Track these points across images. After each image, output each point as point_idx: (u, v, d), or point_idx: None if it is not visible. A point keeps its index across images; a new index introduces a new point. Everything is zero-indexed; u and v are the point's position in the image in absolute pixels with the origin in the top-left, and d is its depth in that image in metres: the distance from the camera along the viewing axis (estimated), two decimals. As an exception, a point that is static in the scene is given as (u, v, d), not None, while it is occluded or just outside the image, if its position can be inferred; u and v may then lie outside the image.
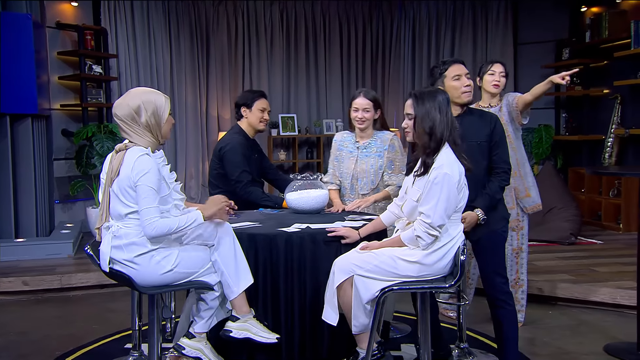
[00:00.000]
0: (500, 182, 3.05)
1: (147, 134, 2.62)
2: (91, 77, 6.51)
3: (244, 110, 3.93)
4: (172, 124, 2.73)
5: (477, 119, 3.09)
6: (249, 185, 3.76)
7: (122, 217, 2.57)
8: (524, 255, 3.85)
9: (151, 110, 2.61)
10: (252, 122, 3.93)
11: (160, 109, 2.64)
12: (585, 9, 7.35)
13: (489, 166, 3.06)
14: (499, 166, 3.06)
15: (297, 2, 8.33)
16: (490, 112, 3.25)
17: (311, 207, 3.39)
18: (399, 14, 8.63)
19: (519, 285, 3.88)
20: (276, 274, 2.84)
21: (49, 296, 4.81)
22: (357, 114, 3.61)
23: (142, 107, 2.60)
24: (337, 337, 2.88)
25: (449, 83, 3.04)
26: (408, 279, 2.63)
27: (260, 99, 3.94)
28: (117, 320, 4.09)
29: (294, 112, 8.39)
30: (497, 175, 3.05)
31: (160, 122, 2.64)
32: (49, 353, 3.58)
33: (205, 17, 7.97)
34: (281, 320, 2.86)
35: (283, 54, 8.31)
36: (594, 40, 7.02)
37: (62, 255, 5.46)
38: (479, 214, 2.96)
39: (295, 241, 2.83)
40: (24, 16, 5.62)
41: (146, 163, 2.53)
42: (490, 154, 3.05)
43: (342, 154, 3.73)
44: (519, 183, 3.79)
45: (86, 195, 6.45)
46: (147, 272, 2.55)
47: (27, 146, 5.77)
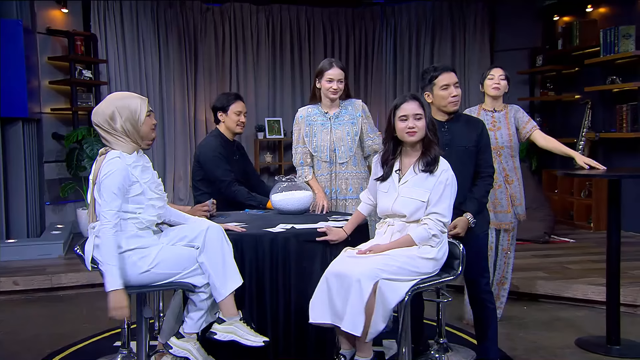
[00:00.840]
0: (486, 186, 3.07)
1: (125, 139, 2.59)
2: (81, 82, 6.46)
3: (220, 114, 3.81)
4: (152, 124, 2.68)
5: (464, 124, 3.08)
6: (233, 185, 3.68)
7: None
8: (511, 255, 3.88)
9: (125, 115, 2.58)
10: (229, 125, 3.82)
11: (134, 112, 2.59)
12: (558, 18, 7.44)
13: (475, 171, 3.06)
14: (485, 170, 3.07)
15: (282, 9, 8.33)
16: (477, 118, 3.24)
17: (296, 208, 3.37)
18: (381, 22, 8.67)
19: (502, 283, 3.89)
20: (262, 273, 2.82)
21: (39, 296, 4.75)
22: (331, 85, 3.47)
23: (116, 113, 2.57)
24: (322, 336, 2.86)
25: (437, 91, 3.02)
26: (426, 276, 2.65)
27: (235, 102, 3.80)
28: (107, 318, 4.02)
29: (279, 116, 8.38)
30: (482, 179, 3.06)
31: (136, 126, 2.60)
32: (39, 351, 3.54)
33: (193, 23, 7.94)
34: (267, 319, 2.84)
35: (269, 60, 8.30)
36: (565, 48, 7.10)
37: (53, 255, 5.41)
38: (469, 218, 2.96)
39: (280, 241, 2.81)
40: (15, 22, 5.57)
41: (112, 165, 2.50)
42: (477, 158, 3.05)
43: (314, 128, 3.59)
44: (516, 190, 3.82)
45: (76, 197, 6.39)
46: (124, 272, 2.49)
47: (17, 149, 5.72)
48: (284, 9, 8.34)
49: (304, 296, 2.79)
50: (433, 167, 2.71)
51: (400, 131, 2.70)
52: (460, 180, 2.96)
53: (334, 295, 2.55)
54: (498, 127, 3.80)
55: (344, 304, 2.51)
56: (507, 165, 3.78)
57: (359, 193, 3.27)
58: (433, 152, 2.72)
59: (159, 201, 2.66)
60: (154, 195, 2.63)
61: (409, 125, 2.68)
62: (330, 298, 2.56)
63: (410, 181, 2.72)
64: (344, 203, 3.59)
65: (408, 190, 2.71)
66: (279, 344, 2.84)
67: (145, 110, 2.63)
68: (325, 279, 2.59)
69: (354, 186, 3.57)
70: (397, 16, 8.56)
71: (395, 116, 2.70)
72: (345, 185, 3.58)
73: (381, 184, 2.77)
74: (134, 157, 2.61)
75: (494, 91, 3.79)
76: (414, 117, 2.68)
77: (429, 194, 2.67)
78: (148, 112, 2.65)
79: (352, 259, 2.65)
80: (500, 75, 3.80)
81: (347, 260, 2.64)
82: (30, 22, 6.00)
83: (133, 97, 2.65)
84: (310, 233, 2.86)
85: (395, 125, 2.71)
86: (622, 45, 6.07)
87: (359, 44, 8.69)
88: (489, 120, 3.80)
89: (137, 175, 2.57)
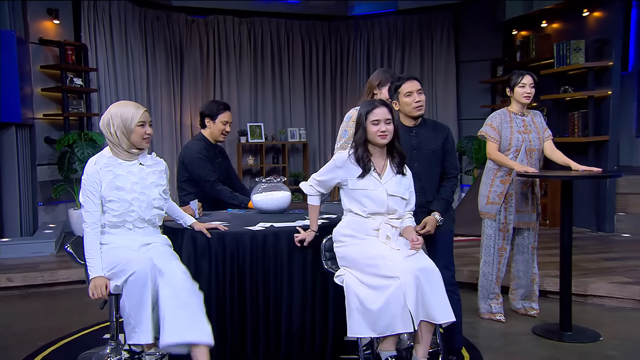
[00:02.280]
0: (452, 186, 3.08)
1: (115, 144, 2.67)
2: (72, 89, 6.37)
3: (207, 121, 3.80)
4: (143, 133, 2.68)
5: (431, 129, 3.09)
6: (217, 184, 3.67)
7: None
8: (535, 252, 3.86)
9: (117, 122, 2.65)
10: (213, 132, 3.80)
11: (127, 120, 2.65)
12: (516, 33, 7.54)
13: (441, 172, 3.08)
14: (450, 172, 3.09)
15: (263, 21, 8.33)
16: (443, 124, 3.21)
17: (275, 207, 3.38)
18: (355, 34, 8.72)
19: (533, 280, 3.88)
20: (242, 268, 2.82)
21: (32, 291, 4.69)
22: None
23: (111, 119, 2.65)
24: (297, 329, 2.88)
25: (402, 98, 3.03)
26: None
27: (224, 112, 3.79)
28: (97, 312, 3.98)
29: (261, 122, 8.37)
30: (448, 180, 3.09)
31: (127, 133, 2.65)
32: (32, 344, 3.50)
33: (179, 34, 7.90)
34: (247, 311, 2.84)
35: (250, 69, 8.29)
36: (523, 60, 7.18)
37: (45, 253, 5.34)
38: (437, 217, 2.98)
39: (259, 238, 2.82)
40: (8, 33, 5.49)
41: (86, 167, 2.66)
42: (443, 161, 3.07)
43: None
44: (538, 191, 3.83)
45: (68, 198, 6.31)
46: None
47: (11, 152, 5.66)
48: (265, 22, 8.34)
49: (282, 290, 2.82)
50: (403, 168, 2.79)
51: (372, 134, 2.71)
52: (428, 181, 3.01)
53: (427, 292, 2.51)
54: (529, 131, 3.75)
55: (434, 297, 2.51)
56: (536, 167, 3.73)
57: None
58: (400, 155, 2.77)
59: (118, 204, 2.65)
60: (113, 198, 2.64)
61: (381, 129, 2.70)
62: (423, 295, 2.51)
63: (392, 181, 2.74)
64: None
65: (395, 189, 2.73)
66: (259, 334, 2.84)
67: (137, 120, 2.64)
68: (415, 277, 2.50)
69: None
70: (369, 29, 8.61)
71: (368, 120, 2.72)
72: None
73: (361, 182, 2.72)
74: (115, 160, 2.67)
75: (525, 99, 3.70)
76: (385, 121, 2.71)
77: (407, 191, 2.76)
78: (141, 122, 2.65)
79: (404, 254, 2.61)
80: (531, 84, 3.69)
81: (404, 256, 2.60)
82: (24, 32, 5.93)
83: (129, 106, 2.69)
84: (288, 231, 2.87)
85: (368, 128, 2.72)
86: (573, 57, 6.19)
87: (335, 54, 8.73)
88: (520, 124, 3.75)
89: (102, 177, 2.64)
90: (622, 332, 3.59)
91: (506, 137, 3.71)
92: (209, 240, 2.82)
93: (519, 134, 3.72)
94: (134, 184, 2.69)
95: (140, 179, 2.71)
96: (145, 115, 2.70)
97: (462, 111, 8.25)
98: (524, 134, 3.72)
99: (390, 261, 2.56)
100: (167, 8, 7.74)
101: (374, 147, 2.76)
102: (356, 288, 2.57)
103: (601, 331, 3.56)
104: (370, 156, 2.76)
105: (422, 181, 3.00)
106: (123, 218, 2.67)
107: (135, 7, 7.34)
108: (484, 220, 3.84)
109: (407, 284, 2.48)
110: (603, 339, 3.47)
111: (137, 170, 2.71)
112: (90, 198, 2.63)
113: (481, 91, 8.06)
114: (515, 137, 3.71)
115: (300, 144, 8.65)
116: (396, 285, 2.49)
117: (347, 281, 2.62)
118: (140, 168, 2.73)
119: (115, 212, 2.65)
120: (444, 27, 8.24)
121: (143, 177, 2.72)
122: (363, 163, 2.72)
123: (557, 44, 6.37)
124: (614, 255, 5.15)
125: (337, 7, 8.57)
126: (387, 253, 2.61)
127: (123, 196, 2.65)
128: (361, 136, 2.74)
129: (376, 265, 2.56)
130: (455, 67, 8.21)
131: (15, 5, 5.80)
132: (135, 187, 2.68)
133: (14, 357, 3.30)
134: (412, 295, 2.47)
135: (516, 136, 3.71)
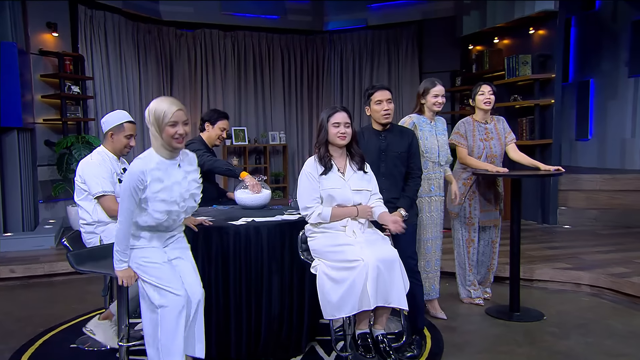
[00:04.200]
0: (416, 185, 3.11)
1: (156, 139, 2.42)
2: (70, 96, 6.27)
3: (207, 125, 3.82)
4: (173, 133, 2.36)
5: (397, 134, 3.11)
6: (215, 160, 3.64)
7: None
8: (497, 246, 3.92)
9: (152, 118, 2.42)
10: (211, 136, 3.81)
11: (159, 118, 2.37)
12: (472, 47, 7.66)
13: (406, 172, 3.11)
14: (414, 172, 3.12)
15: (246, 35, 8.30)
16: (408, 129, 3.21)
17: (257, 203, 3.38)
18: (329, 47, 8.75)
19: (492, 269, 3.94)
20: (226, 260, 2.83)
21: (33, 282, 4.62)
22: (437, 100, 3.36)
23: (148, 114, 2.42)
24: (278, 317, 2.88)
25: (373, 106, 3.05)
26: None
27: (222, 120, 3.82)
28: (94, 300, 3.97)
29: (244, 126, 8.35)
30: (413, 179, 3.11)
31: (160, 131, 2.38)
32: (33, 329, 3.46)
33: (169, 46, 7.84)
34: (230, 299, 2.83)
35: (235, 78, 8.26)
36: (478, 72, 7.30)
37: (45, 246, 5.26)
38: (402, 212, 3.00)
39: (242, 232, 2.82)
40: (10, 44, 5.39)
41: (133, 166, 2.38)
42: (408, 162, 3.10)
43: (425, 133, 3.38)
44: (501, 191, 3.87)
45: (66, 196, 6.21)
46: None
47: (13, 154, 5.56)
48: (248, 35, 8.31)
49: (263, 278, 2.82)
50: (363, 164, 2.82)
51: (332, 135, 2.74)
52: (394, 179, 3.04)
53: (386, 279, 2.55)
54: (491, 138, 3.74)
55: (392, 284, 2.56)
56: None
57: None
58: (359, 155, 2.81)
59: (161, 206, 2.39)
60: (156, 200, 2.39)
61: (341, 131, 2.73)
62: (382, 282, 2.54)
63: (354, 177, 2.77)
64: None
65: (358, 184, 2.76)
66: (242, 319, 2.84)
67: (168, 119, 2.36)
68: (376, 267, 2.52)
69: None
70: (342, 42, 8.65)
71: (329, 123, 2.74)
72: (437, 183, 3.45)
73: (327, 182, 2.73)
74: (162, 162, 2.42)
75: (486, 106, 3.68)
76: (345, 125, 2.74)
77: (372, 185, 2.80)
78: (172, 122, 2.36)
79: (369, 244, 2.64)
80: (490, 91, 3.68)
81: (368, 246, 2.62)
82: (25, 44, 5.82)
83: (164, 102, 2.41)
84: (268, 225, 2.87)
85: (329, 130, 2.74)
86: (522, 70, 6.31)
87: (311, 65, 8.75)
88: (483, 131, 3.73)
89: (149, 178, 2.38)
90: (563, 312, 3.68)
91: (469, 145, 3.73)
92: (195, 234, 2.81)
93: (481, 141, 3.73)
94: (178, 188, 2.42)
95: (182, 182, 2.44)
96: (179, 114, 2.36)
97: (425, 117, 8.32)
98: (485, 141, 3.73)
99: (355, 248, 2.60)
100: (158, 22, 7.67)
101: (334, 148, 2.78)
102: (326, 277, 2.60)
103: (545, 311, 3.64)
104: (331, 156, 2.78)
105: (389, 180, 3.03)
106: (161, 221, 2.40)
107: (128, 21, 7.26)
108: (453, 217, 3.85)
109: (369, 270, 2.53)
110: (546, 318, 3.55)
111: (178, 174, 2.44)
112: (132, 196, 2.32)
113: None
114: (477, 144, 3.72)
115: (281, 146, 8.64)
116: (360, 267, 2.53)
117: (319, 270, 2.65)
118: (180, 171, 2.45)
119: (157, 213, 2.37)
120: (409, 41, 8.32)
121: (183, 181, 2.45)
122: (324, 161, 2.75)
123: (508, 58, 6.48)
124: (556, 244, 5.26)
125: (313, 23, 8.60)
126: (353, 242, 2.65)
127: (167, 199, 2.37)
128: (323, 137, 2.76)
129: (342, 251, 2.61)
130: (419, 77, 8.29)
131: (17, 19, 5.70)
132: (177, 192, 2.41)
133: (17, 340, 3.26)
134: (372, 280, 2.52)
135: (478, 144, 3.72)
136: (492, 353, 3.04)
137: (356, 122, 8.04)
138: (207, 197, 3.64)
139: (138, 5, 7.32)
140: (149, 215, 2.37)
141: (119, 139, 3.09)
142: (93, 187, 2.97)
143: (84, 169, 3.02)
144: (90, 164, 3.02)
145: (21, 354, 3.07)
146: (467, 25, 7.51)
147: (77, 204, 3.07)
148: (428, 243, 3.44)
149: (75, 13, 6.57)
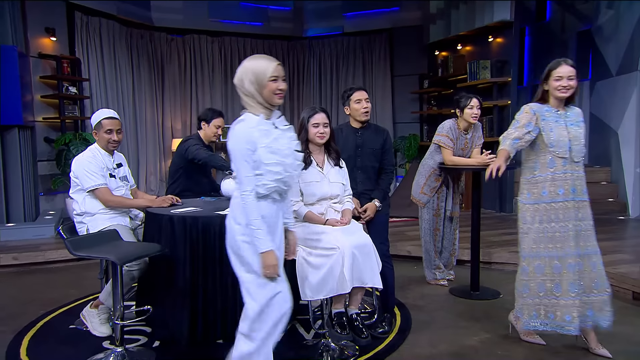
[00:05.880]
0: (389, 179, 3.13)
1: (252, 99, 2.08)
2: (68, 97, 6.15)
3: (203, 124, 3.77)
4: (274, 89, 2.06)
5: (373, 132, 3.11)
6: (209, 153, 3.61)
7: None
8: (457, 233, 3.95)
9: (250, 77, 2.06)
10: (207, 134, 3.78)
11: (259, 74, 2.05)
12: (438, 53, 7.70)
13: (379, 167, 3.12)
14: (388, 167, 3.13)
15: (232, 40, 8.22)
16: (383, 127, 3.19)
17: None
18: (308, 52, 8.72)
19: (453, 253, 3.97)
20: (212, 249, 2.80)
21: (34, 268, 4.54)
22: (561, 83, 2.64)
23: (244, 74, 2.06)
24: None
25: (352, 105, 3.05)
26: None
27: (217, 118, 3.77)
28: (91, 285, 3.92)
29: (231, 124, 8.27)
30: (386, 174, 3.12)
31: (260, 88, 2.05)
32: (34, 312, 3.41)
33: (160, 50, 7.72)
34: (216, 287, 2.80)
35: (222, 80, 8.17)
36: (444, 75, 7.34)
37: (46, 236, 5.17)
38: (376, 203, 3.02)
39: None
40: (11, 48, 5.27)
41: (236, 131, 2.05)
42: (382, 158, 3.10)
43: (548, 124, 2.72)
44: (462, 189, 3.89)
45: (65, 189, 6.07)
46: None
47: (15, 150, 5.46)
48: (234, 40, 8.23)
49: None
50: (339, 160, 2.84)
51: (312, 135, 2.75)
52: (369, 173, 3.05)
53: (360, 263, 2.56)
54: (468, 147, 3.73)
55: (366, 267, 2.57)
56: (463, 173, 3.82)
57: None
58: (336, 152, 2.83)
59: (277, 169, 2.01)
60: (270, 162, 2.01)
61: (320, 131, 2.74)
62: (357, 266, 2.55)
63: (331, 172, 2.78)
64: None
65: (335, 177, 2.77)
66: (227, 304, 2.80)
67: (270, 74, 2.05)
68: (352, 253, 2.54)
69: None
70: (321, 48, 8.63)
71: (309, 123, 2.75)
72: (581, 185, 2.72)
73: (307, 176, 2.73)
74: (266, 121, 2.09)
75: (473, 119, 3.58)
76: (323, 125, 2.75)
77: (346, 180, 2.81)
78: (274, 77, 2.06)
79: (345, 231, 2.63)
80: (478, 106, 3.55)
81: (344, 233, 2.61)
82: (25, 48, 5.68)
83: (262, 59, 2.09)
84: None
85: (309, 130, 2.75)
86: (482, 74, 6.38)
87: (292, 69, 8.71)
88: (462, 141, 3.69)
89: (257, 140, 2.02)
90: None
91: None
92: (184, 223, 2.78)
93: (460, 150, 3.74)
94: (288, 148, 2.06)
95: (288, 141, 2.09)
96: (279, 69, 2.06)
97: (397, 116, 8.38)
98: (463, 150, 3.74)
99: (331, 236, 2.61)
100: (150, 28, 7.56)
101: (313, 146, 2.80)
102: (306, 262, 2.61)
103: (501, 290, 3.71)
104: (311, 153, 2.79)
105: (364, 173, 3.05)
106: (276, 186, 2.02)
107: (122, 27, 7.13)
108: (421, 207, 3.86)
109: (345, 255, 2.54)
110: (502, 296, 3.62)
111: (277, 132, 2.07)
112: (247, 162, 1.97)
113: (411, 100, 8.21)
114: (458, 153, 3.72)
115: (264, 143, 8.59)
116: (337, 254, 2.55)
117: (298, 256, 2.64)
118: (277, 130, 2.09)
119: (273, 177, 1.99)
120: (381, 47, 8.34)
121: (289, 140, 2.09)
122: (304, 158, 2.72)
123: (470, 63, 6.54)
124: (512, 230, 5.27)
125: (294, 29, 8.56)
126: (330, 230, 2.66)
127: (281, 161, 2.01)
128: (303, 136, 2.77)
129: (320, 240, 2.62)
130: (390, 80, 8.32)
131: (17, 24, 5.56)
132: (287, 152, 2.05)
133: (19, 323, 3.21)
134: (348, 265, 2.54)
135: (458, 152, 3.72)
136: (454, 328, 3.10)
137: (333, 120, 8.05)
138: (199, 190, 3.65)
139: (131, 11, 7.20)
140: (267, 175, 2.00)
141: (101, 135, 3.08)
142: (85, 181, 2.97)
143: (76, 165, 3.01)
144: (81, 160, 3.01)
145: (23, 335, 3.03)
146: (433, 33, 7.56)
147: (70, 196, 3.07)
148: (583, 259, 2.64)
149: (72, 19, 6.44)
